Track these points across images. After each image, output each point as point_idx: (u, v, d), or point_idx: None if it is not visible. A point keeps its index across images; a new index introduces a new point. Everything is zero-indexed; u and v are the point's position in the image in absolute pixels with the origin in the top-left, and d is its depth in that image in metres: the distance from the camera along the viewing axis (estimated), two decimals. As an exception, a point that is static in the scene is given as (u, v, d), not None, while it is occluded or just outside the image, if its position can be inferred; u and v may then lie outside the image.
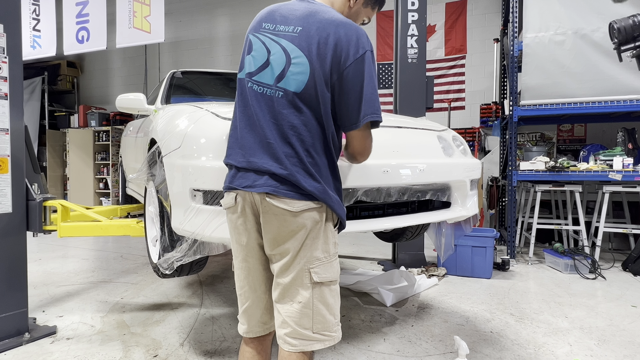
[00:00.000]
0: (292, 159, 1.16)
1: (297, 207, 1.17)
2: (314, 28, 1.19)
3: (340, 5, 1.35)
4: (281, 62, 1.21)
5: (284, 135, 1.18)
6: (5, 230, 2.29)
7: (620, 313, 2.84)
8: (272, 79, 1.21)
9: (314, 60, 1.17)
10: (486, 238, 3.65)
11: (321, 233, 1.21)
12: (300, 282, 1.21)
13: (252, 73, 1.26)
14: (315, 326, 1.22)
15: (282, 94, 1.19)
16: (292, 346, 1.22)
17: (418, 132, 2.23)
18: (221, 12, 7.86)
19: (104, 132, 8.21)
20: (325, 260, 1.22)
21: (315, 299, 1.21)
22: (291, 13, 1.26)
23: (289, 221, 1.18)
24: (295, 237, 1.20)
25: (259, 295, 1.35)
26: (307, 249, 1.20)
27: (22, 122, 2.36)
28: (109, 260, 4.33)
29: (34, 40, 6.71)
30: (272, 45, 1.24)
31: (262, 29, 1.29)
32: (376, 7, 1.44)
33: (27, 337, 2.30)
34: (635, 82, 3.98)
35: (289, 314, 1.22)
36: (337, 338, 1.26)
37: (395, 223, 1.99)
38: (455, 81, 6.56)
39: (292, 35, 1.22)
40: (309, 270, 1.20)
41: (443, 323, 2.62)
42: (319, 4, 1.27)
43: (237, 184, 1.24)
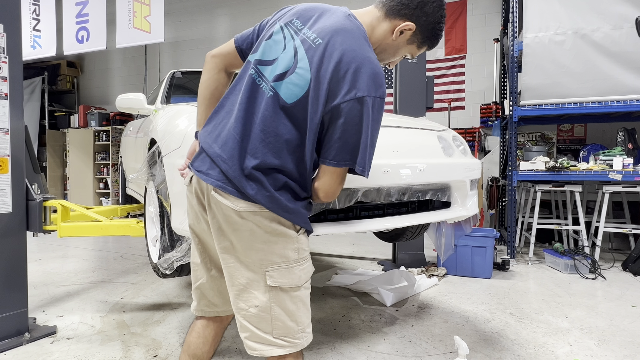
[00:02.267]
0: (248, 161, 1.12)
1: (240, 207, 1.13)
2: (332, 49, 1.12)
3: (381, 34, 1.24)
4: (287, 64, 1.15)
5: (255, 136, 1.13)
6: (5, 230, 2.29)
7: (620, 313, 2.84)
8: (272, 76, 1.16)
9: (318, 81, 1.11)
10: (486, 238, 3.65)
11: (273, 238, 1.15)
12: (256, 284, 1.17)
13: (261, 61, 1.20)
14: (275, 331, 1.17)
15: (271, 95, 1.14)
16: (253, 350, 1.19)
17: (418, 132, 2.23)
18: (221, 12, 7.85)
19: (104, 132, 8.21)
20: (282, 265, 1.16)
21: (273, 304, 1.16)
22: (322, 19, 1.19)
23: (234, 219, 1.15)
24: (241, 236, 1.16)
25: (212, 275, 1.34)
26: (258, 251, 1.16)
27: (22, 122, 2.36)
28: (109, 260, 4.33)
29: (34, 40, 6.72)
30: (289, 43, 1.18)
31: (291, 23, 1.22)
32: (424, 47, 1.32)
33: (27, 337, 2.30)
34: (635, 82, 3.98)
35: (246, 318, 1.19)
36: (301, 345, 1.20)
37: (395, 223, 1.99)
38: (455, 81, 6.56)
39: (310, 44, 1.15)
40: (264, 272, 1.16)
41: (443, 323, 2.62)
42: (355, 26, 1.18)
43: (195, 166, 1.21)
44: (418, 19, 1.23)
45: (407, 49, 1.30)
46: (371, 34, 1.24)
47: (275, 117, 1.13)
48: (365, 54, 1.12)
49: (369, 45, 1.17)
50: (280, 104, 1.13)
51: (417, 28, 1.24)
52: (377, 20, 1.24)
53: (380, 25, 1.24)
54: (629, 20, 3.97)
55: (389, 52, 1.30)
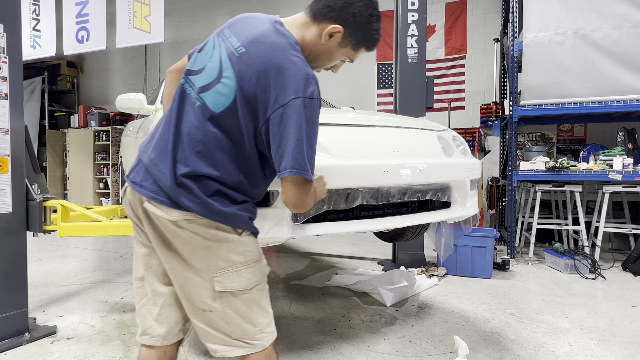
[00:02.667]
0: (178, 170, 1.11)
1: (174, 217, 1.11)
2: (256, 56, 1.11)
3: (312, 39, 1.22)
4: (212, 74, 1.15)
5: (185, 145, 1.12)
6: (5, 230, 2.28)
7: (620, 313, 2.84)
8: (197, 86, 1.16)
9: (243, 89, 1.10)
10: (486, 238, 3.65)
11: (214, 244, 1.14)
12: (205, 291, 1.16)
13: (190, 71, 1.22)
14: (232, 333, 1.18)
15: (199, 104, 1.14)
16: (215, 352, 1.20)
17: (418, 132, 2.24)
18: (221, 12, 7.86)
19: (104, 132, 8.21)
20: (229, 269, 1.15)
21: (226, 308, 1.16)
22: (248, 29, 1.17)
23: (169, 228, 1.13)
24: (180, 245, 1.15)
25: (157, 289, 1.28)
26: (202, 258, 1.14)
27: (22, 122, 2.36)
28: (109, 260, 4.33)
29: (34, 40, 6.72)
30: (216, 53, 1.18)
31: (222, 33, 1.22)
32: (360, 49, 1.28)
33: (27, 337, 2.30)
34: (635, 82, 3.98)
35: (203, 322, 1.19)
36: (262, 346, 1.20)
37: (395, 223, 1.99)
38: (455, 81, 6.55)
39: (233, 52, 1.14)
40: (212, 278, 1.15)
41: (443, 323, 2.62)
42: (279, 33, 1.16)
43: (130, 177, 1.20)
44: (345, 21, 1.20)
45: (342, 52, 1.27)
46: (302, 40, 1.21)
47: (204, 126, 1.12)
48: (287, 58, 1.10)
49: (294, 50, 1.14)
50: (208, 114, 1.13)
51: (345, 30, 1.21)
52: (306, 26, 1.22)
53: (310, 30, 1.22)
54: (629, 20, 3.97)
55: (324, 57, 1.27)
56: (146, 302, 1.30)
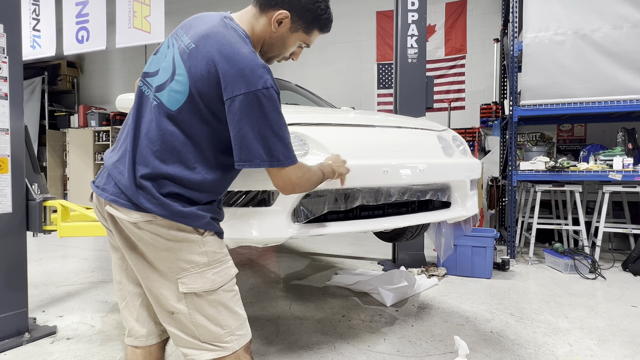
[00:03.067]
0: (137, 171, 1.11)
1: (134, 218, 1.11)
2: (205, 51, 1.10)
3: (262, 29, 1.23)
4: (167, 73, 1.16)
5: (143, 145, 1.13)
6: (5, 230, 2.28)
7: (620, 313, 2.84)
8: (154, 86, 1.17)
9: (196, 84, 1.10)
10: (486, 238, 3.65)
11: (176, 245, 1.13)
12: (170, 293, 1.15)
13: (147, 73, 1.22)
14: (201, 337, 1.17)
15: (156, 104, 1.14)
16: (186, 355, 1.19)
17: (418, 132, 2.23)
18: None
19: (104, 132, 8.21)
20: (192, 270, 1.14)
21: (192, 310, 1.15)
22: (198, 25, 1.18)
23: (133, 231, 1.14)
24: (142, 248, 1.15)
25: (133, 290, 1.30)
26: (164, 260, 1.14)
27: (22, 122, 2.36)
28: (109, 260, 4.32)
29: (33, 40, 6.71)
30: (169, 53, 1.19)
31: (176, 33, 1.22)
32: (312, 31, 1.27)
33: (27, 337, 2.30)
34: (635, 82, 3.97)
35: (171, 325, 1.19)
36: (232, 348, 1.18)
37: (395, 223, 1.99)
38: (455, 81, 6.55)
39: (184, 49, 1.15)
40: (176, 280, 1.14)
41: (443, 323, 2.62)
42: (228, 27, 1.16)
43: (95, 183, 1.22)
44: (291, 5, 1.21)
45: (295, 37, 1.27)
46: (252, 33, 1.22)
47: (161, 125, 1.12)
48: (235, 50, 1.09)
49: (244, 42, 1.13)
50: (165, 112, 1.13)
51: (292, 14, 1.21)
52: (255, 18, 1.23)
53: (259, 21, 1.23)
54: (629, 20, 3.97)
55: (278, 45, 1.27)
56: (126, 304, 1.31)
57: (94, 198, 1.24)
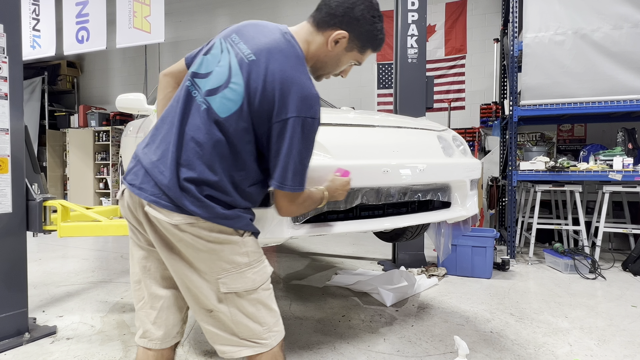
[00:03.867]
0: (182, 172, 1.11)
1: (176, 220, 1.11)
2: (264, 68, 1.12)
3: (317, 48, 1.24)
4: (221, 78, 1.15)
5: (188, 148, 1.12)
6: (5, 230, 2.28)
7: (620, 313, 2.84)
8: (204, 89, 1.16)
9: (250, 97, 1.11)
10: (486, 238, 3.65)
11: (217, 247, 1.14)
12: (210, 292, 1.16)
13: (196, 74, 1.21)
14: (240, 334, 1.18)
15: (205, 107, 1.14)
16: (223, 353, 1.20)
17: (418, 132, 2.23)
18: (221, 12, 7.86)
19: (104, 132, 8.22)
20: (233, 270, 1.15)
21: (232, 309, 1.16)
22: (258, 37, 1.18)
23: (173, 232, 1.13)
24: (182, 249, 1.15)
25: (155, 292, 1.28)
26: (205, 261, 1.14)
27: (22, 122, 2.36)
28: (109, 260, 4.33)
29: (33, 40, 6.72)
30: (224, 57, 1.18)
31: (229, 37, 1.22)
32: (366, 50, 1.29)
33: (27, 337, 2.30)
34: (635, 82, 3.98)
35: (209, 324, 1.20)
36: (271, 345, 1.20)
37: (395, 223, 1.99)
38: (455, 81, 6.55)
39: (244, 59, 1.15)
40: (217, 280, 1.15)
41: (443, 323, 2.62)
42: (290, 45, 1.17)
43: (128, 179, 1.19)
44: (349, 26, 1.21)
45: (349, 56, 1.28)
46: (307, 50, 1.23)
47: (210, 130, 1.12)
48: (296, 74, 1.12)
49: (302, 65, 1.16)
50: (213, 118, 1.13)
51: (350, 34, 1.22)
52: (311, 35, 1.24)
53: (315, 39, 1.24)
54: (629, 20, 3.97)
55: (331, 64, 1.29)
56: (143, 305, 1.30)
57: (127, 195, 1.22)
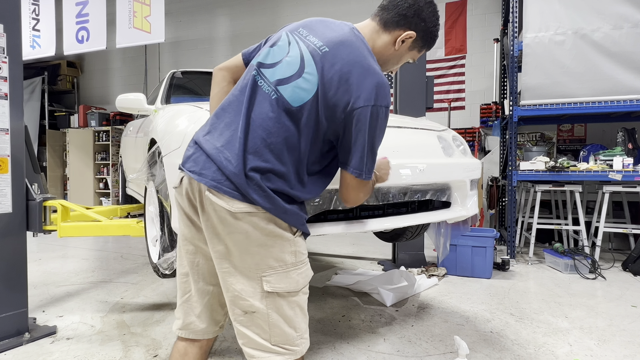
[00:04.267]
0: (248, 160, 1.11)
1: (236, 208, 1.10)
2: (339, 58, 1.15)
3: (383, 46, 1.27)
4: (292, 68, 1.17)
5: (256, 135, 1.12)
6: (5, 230, 2.28)
7: (620, 313, 2.84)
8: (273, 78, 1.17)
9: (324, 86, 1.13)
10: (486, 238, 3.65)
11: (270, 240, 1.13)
12: (251, 290, 1.14)
13: (263, 64, 1.22)
14: (273, 338, 1.15)
15: (275, 97, 1.15)
16: (251, 357, 1.18)
17: (418, 132, 2.24)
18: (221, 12, 7.86)
19: (104, 132, 8.21)
20: (279, 269, 1.14)
21: (271, 310, 1.14)
22: (327, 30, 1.22)
23: (228, 221, 1.11)
24: (236, 240, 1.13)
25: (202, 287, 1.28)
26: (254, 255, 1.13)
27: (22, 122, 2.36)
28: (109, 260, 4.33)
29: (33, 40, 6.72)
30: (294, 48, 1.20)
31: (297, 31, 1.25)
32: (424, 50, 1.36)
33: (27, 337, 2.30)
34: (635, 82, 3.98)
35: (242, 324, 1.17)
36: (300, 352, 1.18)
37: (395, 223, 1.99)
38: (455, 81, 6.56)
39: (317, 51, 1.17)
40: (261, 278, 1.13)
41: (443, 323, 2.62)
42: (359, 39, 1.21)
43: (187, 167, 1.18)
44: (417, 26, 1.26)
45: (409, 55, 1.34)
46: (373, 46, 1.26)
47: (279, 118, 1.13)
48: (369, 64, 1.16)
49: (372, 58, 1.20)
50: (284, 107, 1.14)
51: (417, 35, 1.27)
52: (377, 34, 1.27)
53: (380, 37, 1.27)
54: (629, 20, 3.97)
55: (393, 62, 1.33)
56: (189, 297, 1.30)
57: (185, 182, 1.20)
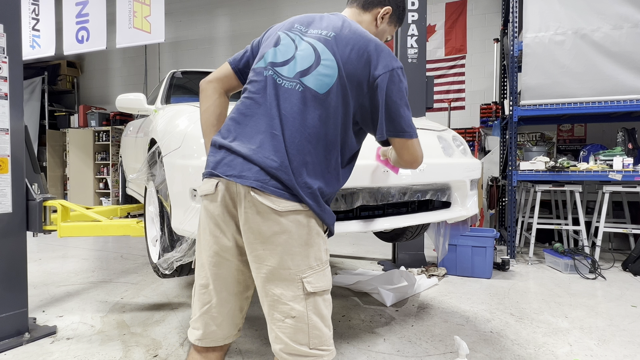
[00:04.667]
0: (291, 155, 1.11)
1: (283, 207, 1.10)
2: (347, 38, 1.21)
3: (368, 24, 1.37)
4: (309, 59, 1.20)
5: (293, 129, 1.13)
6: (5, 230, 2.28)
7: (620, 313, 2.84)
8: (294, 73, 1.19)
9: (344, 67, 1.18)
10: (486, 238, 3.65)
11: (311, 239, 1.14)
12: (292, 293, 1.13)
13: (275, 63, 1.23)
14: (311, 341, 1.14)
15: (302, 89, 1.17)
16: None
17: (418, 132, 2.23)
18: (221, 12, 7.86)
19: (104, 132, 8.21)
20: (318, 268, 1.15)
21: (310, 311, 1.14)
22: (323, 21, 1.29)
23: (273, 221, 1.11)
24: (278, 242, 1.12)
25: (224, 297, 1.24)
26: (296, 256, 1.12)
27: (22, 122, 2.36)
28: (109, 260, 4.33)
29: (33, 40, 6.72)
30: (300, 42, 1.24)
31: (293, 28, 1.29)
32: (398, 24, 1.45)
33: (27, 337, 2.30)
34: (635, 82, 3.98)
35: (282, 330, 1.14)
36: (334, 352, 1.19)
37: (395, 223, 1.99)
38: (455, 81, 6.55)
39: (326, 38, 1.22)
40: (302, 280, 1.13)
41: (443, 323, 2.62)
42: (351, 20, 1.30)
43: (221, 171, 1.15)
44: (390, 1, 1.38)
45: (388, 31, 1.43)
46: None
47: (310, 109, 1.16)
48: (373, 37, 1.24)
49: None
50: (312, 95, 1.17)
51: (392, 9, 1.39)
52: (359, 16, 1.37)
53: (363, 19, 1.37)
54: (629, 20, 3.97)
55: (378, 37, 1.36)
56: (209, 309, 1.26)
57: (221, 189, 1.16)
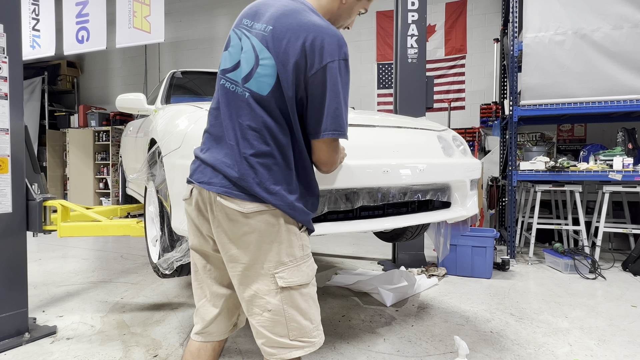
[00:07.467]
0: (249, 162, 1.12)
1: (248, 209, 1.13)
2: (284, 30, 1.13)
3: (330, 2, 1.26)
4: (250, 61, 1.17)
5: (245, 136, 1.14)
6: (5, 230, 2.28)
7: (620, 313, 2.84)
8: (240, 78, 1.18)
9: (282, 64, 1.12)
10: (486, 238, 3.65)
11: (282, 237, 1.16)
12: (266, 288, 1.16)
13: (226, 70, 1.23)
14: (291, 333, 1.17)
15: (248, 94, 1.15)
16: (272, 355, 1.19)
17: (418, 132, 2.23)
18: (221, 12, 7.86)
19: (104, 132, 8.21)
20: (291, 264, 1.17)
21: (286, 305, 1.16)
22: (267, 10, 1.20)
23: (242, 222, 1.14)
24: (249, 241, 1.15)
25: (216, 291, 1.32)
26: (266, 253, 1.16)
27: (22, 122, 2.36)
28: (109, 260, 4.33)
29: (33, 40, 6.72)
30: (245, 42, 1.20)
31: (241, 24, 1.24)
32: None
33: (27, 337, 2.30)
34: (635, 82, 3.98)
35: (261, 324, 1.18)
36: (318, 343, 1.22)
37: (395, 223, 1.99)
38: (455, 81, 6.56)
39: (262, 34, 1.16)
40: (274, 275, 1.16)
41: (443, 323, 2.62)
42: (299, 3, 1.20)
43: (195, 178, 1.21)
44: None
45: (359, 5, 1.32)
46: (318, 6, 1.25)
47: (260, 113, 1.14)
48: (314, 23, 1.13)
49: (318, 16, 1.17)
50: (257, 99, 1.14)
51: None
52: None
53: None
54: (629, 20, 3.97)
55: (345, 16, 1.31)
56: (205, 302, 1.33)
57: (195, 194, 1.23)
